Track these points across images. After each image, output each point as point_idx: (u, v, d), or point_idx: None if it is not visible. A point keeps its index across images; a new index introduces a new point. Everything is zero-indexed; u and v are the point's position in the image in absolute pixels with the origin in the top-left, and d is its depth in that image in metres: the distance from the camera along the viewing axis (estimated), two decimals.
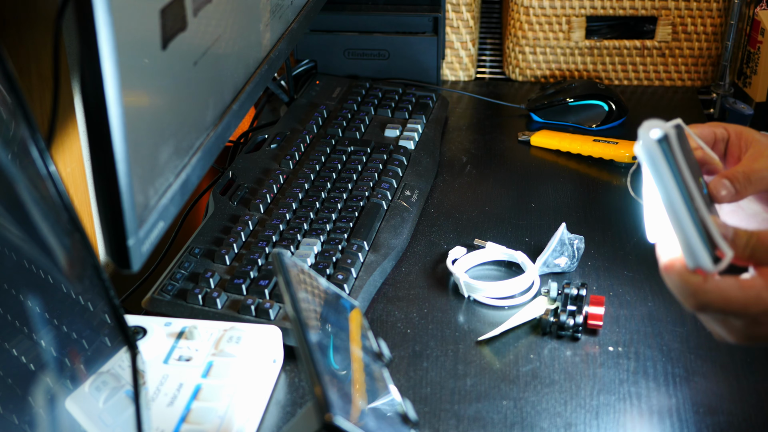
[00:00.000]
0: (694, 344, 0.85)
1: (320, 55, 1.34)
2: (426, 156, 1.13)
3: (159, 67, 0.68)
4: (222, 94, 0.82)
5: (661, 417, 0.77)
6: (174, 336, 0.80)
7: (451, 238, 1.01)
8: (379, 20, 1.32)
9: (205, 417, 0.72)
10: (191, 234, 0.97)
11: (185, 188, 0.73)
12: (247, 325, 0.80)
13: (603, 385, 0.81)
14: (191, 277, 0.89)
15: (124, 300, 0.98)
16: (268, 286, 0.87)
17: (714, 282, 0.61)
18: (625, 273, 0.94)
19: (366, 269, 0.91)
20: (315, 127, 1.17)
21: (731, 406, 0.78)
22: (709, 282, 0.61)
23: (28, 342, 0.67)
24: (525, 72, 1.38)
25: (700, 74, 1.36)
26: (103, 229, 0.63)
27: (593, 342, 0.85)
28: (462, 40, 1.37)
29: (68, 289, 0.69)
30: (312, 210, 0.99)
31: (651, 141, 0.57)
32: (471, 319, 0.89)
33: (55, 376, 0.68)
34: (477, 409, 0.78)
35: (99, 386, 0.69)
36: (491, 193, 1.10)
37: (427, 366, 0.83)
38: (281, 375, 0.82)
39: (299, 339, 0.61)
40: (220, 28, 0.79)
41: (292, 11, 1.03)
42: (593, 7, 1.33)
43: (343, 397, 0.60)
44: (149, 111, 0.67)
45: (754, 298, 0.60)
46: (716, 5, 1.31)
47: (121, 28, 0.59)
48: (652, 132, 0.57)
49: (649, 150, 0.58)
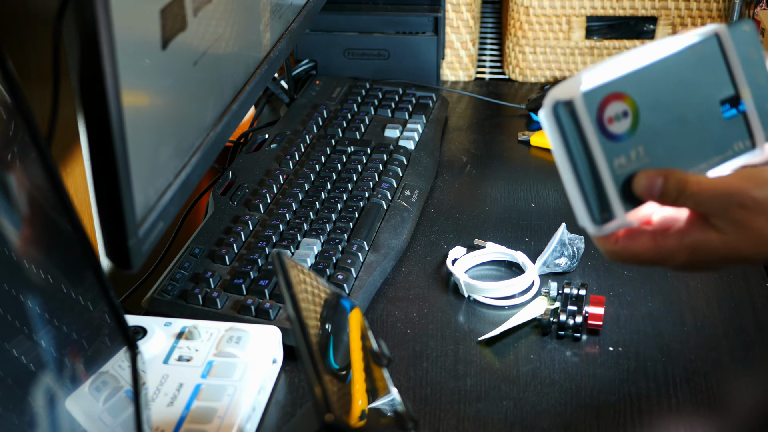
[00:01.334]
0: (694, 344, 0.85)
1: (320, 55, 1.34)
2: (426, 156, 1.13)
3: (159, 67, 0.68)
4: (222, 94, 0.82)
5: (661, 417, 0.77)
6: (174, 336, 0.80)
7: (451, 238, 1.01)
8: (379, 20, 1.32)
9: (205, 417, 0.72)
10: (191, 234, 0.97)
11: (185, 188, 0.73)
12: (247, 325, 0.80)
13: (603, 385, 0.81)
14: (191, 278, 0.89)
15: (124, 300, 0.98)
16: (268, 286, 0.87)
17: (621, 243, 0.63)
18: (625, 273, 0.94)
19: (366, 269, 0.91)
20: (315, 127, 1.17)
21: (731, 406, 0.78)
22: (618, 243, 0.63)
23: (28, 342, 0.67)
24: (525, 72, 1.38)
25: None
26: (103, 229, 0.63)
27: (593, 342, 0.85)
28: (462, 40, 1.37)
29: (68, 289, 0.69)
30: (312, 210, 0.99)
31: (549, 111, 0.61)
32: (471, 319, 0.89)
33: (55, 376, 0.68)
34: (477, 409, 0.78)
35: (99, 386, 0.69)
36: (491, 193, 1.10)
37: (427, 366, 0.83)
38: (281, 375, 0.82)
39: (299, 339, 0.61)
40: (220, 28, 0.79)
41: (292, 11, 1.03)
42: (593, 7, 1.33)
43: (343, 397, 0.60)
44: (149, 111, 0.67)
45: (668, 256, 0.63)
46: (716, 5, 1.31)
47: (121, 28, 0.59)
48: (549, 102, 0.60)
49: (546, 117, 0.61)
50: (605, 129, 0.61)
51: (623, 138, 0.61)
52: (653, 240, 0.63)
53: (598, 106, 0.61)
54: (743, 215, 0.60)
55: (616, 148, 0.61)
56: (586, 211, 0.62)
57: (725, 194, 0.60)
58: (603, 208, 0.62)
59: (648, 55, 0.62)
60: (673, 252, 0.63)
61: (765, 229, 0.60)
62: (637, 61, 0.62)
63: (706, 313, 0.89)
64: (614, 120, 0.61)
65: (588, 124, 0.60)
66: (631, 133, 0.62)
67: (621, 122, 0.61)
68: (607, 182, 0.61)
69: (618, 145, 0.62)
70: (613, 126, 0.61)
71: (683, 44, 0.63)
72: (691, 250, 0.62)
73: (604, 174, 0.61)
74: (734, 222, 0.60)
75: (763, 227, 0.60)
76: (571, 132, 0.61)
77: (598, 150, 0.61)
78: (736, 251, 0.61)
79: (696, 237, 0.62)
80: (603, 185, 0.62)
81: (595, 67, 0.61)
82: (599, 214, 0.62)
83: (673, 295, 0.91)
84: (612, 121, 0.61)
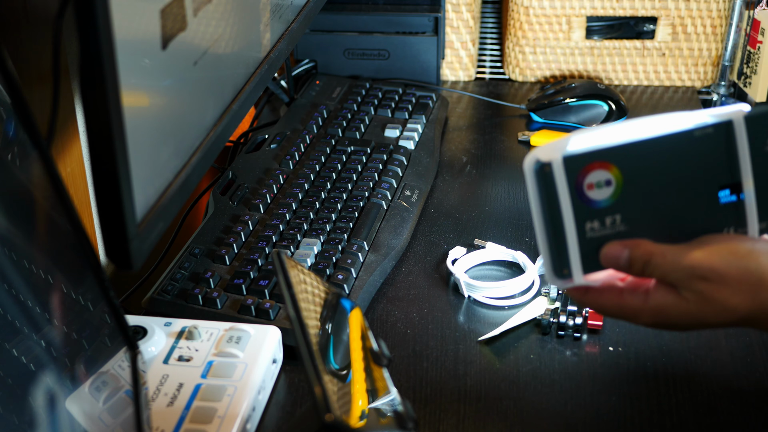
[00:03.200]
0: (694, 344, 0.85)
1: (320, 55, 1.34)
2: (426, 156, 1.13)
3: (159, 67, 0.68)
4: (222, 94, 0.82)
5: (662, 417, 0.77)
6: (174, 336, 0.80)
7: (451, 238, 1.01)
8: (379, 20, 1.32)
9: (205, 417, 0.72)
10: (191, 234, 0.97)
11: (185, 188, 0.73)
12: (247, 325, 0.80)
13: (603, 385, 0.81)
14: (191, 277, 0.89)
15: (124, 300, 0.98)
16: (268, 286, 0.87)
17: (589, 296, 0.65)
18: None
19: (366, 269, 0.91)
20: (315, 127, 1.17)
21: (731, 406, 0.78)
22: (587, 295, 0.66)
23: (28, 342, 0.67)
24: (525, 72, 1.38)
25: (700, 74, 1.36)
26: (103, 229, 0.63)
27: (593, 342, 0.85)
28: (462, 40, 1.37)
29: (68, 289, 0.69)
30: (312, 210, 0.99)
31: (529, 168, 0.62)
32: (471, 319, 0.89)
33: (55, 376, 0.68)
34: (477, 409, 0.78)
35: (99, 386, 0.69)
36: (491, 193, 1.10)
37: (427, 366, 0.83)
38: (281, 375, 0.82)
39: (299, 339, 0.61)
40: (220, 28, 0.79)
41: (292, 11, 1.03)
42: (593, 7, 1.33)
43: (343, 397, 0.60)
44: (149, 111, 0.67)
45: (632, 315, 0.64)
46: (716, 5, 1.31)
47: (121, 29, 0.59)
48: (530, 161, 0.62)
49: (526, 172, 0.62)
50: (582, 193, 0.62)
51: (600, 204, 0.63)
52: (619, 297, 0.65)
53: (579, 171, 0.62)
54: (706, 287, 0.61)
55: (590, 213, 0.63)
56: (549, 263, 0.64)
57: (688, 267, 0.61)
58: (563, 265, 0.64)
59: (652, 126, 0.62)
60: (636, 311, 0.64)
61: (728, 300, 0.61)
62: (636, 132, 0.62)
63: None
64: (594, 187, 0.62)
65: (563, 187, 0.62)
66: (611, 201, 0.63)
67: (601, 190, 0.62)
68: (571, 243, 0.63)
69: (593, 210, 0.63)
70: (592, 192, 0.62)
71: (693, 123, 0.63)
72: (654, 312, 0.63)
73: (569, 236, 0.63)
74: (698, 293, 0.61)
75: (727, 299, 0.61)
76: (545, 191, 0.62)
77: (568, 213, 0.62)
78: (700, 320, 0.63)
79: (660, 301, 0.63)
80: (566, 245, 0.63)
81: (589, 131, 0.62)
82: (559, 269, 0.64)
83: None
84: (592, 187, 0.62)
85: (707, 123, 0.63)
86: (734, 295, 0.61)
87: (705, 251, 0.61)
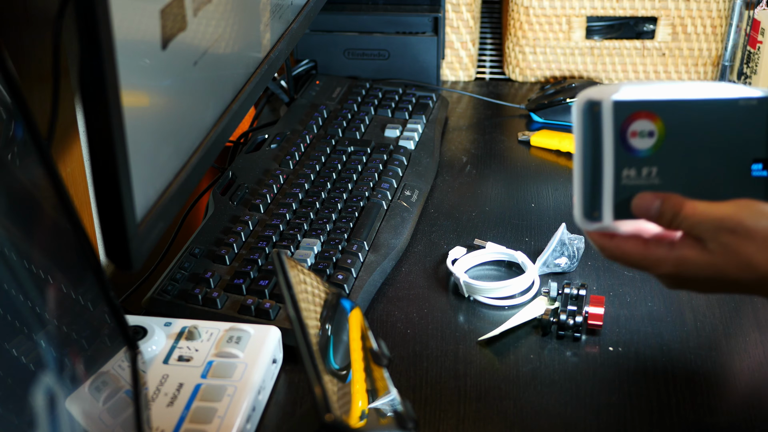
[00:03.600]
0: (694, 344, 0.85)
1: (320, 55, 1.34)
2: (426, 156, 1.13)
3: (159, 67, 0.68)
4: (222, 94, 0.82)
5: (661, 417, 0.77)
6: (174, 336, 0.80)
7: (451, 238, 1.01)
8: (379, 20, 1.32)
9: (205, 417, 0.72)
10: (191, 234, 0.97)
11: (185, 188, 0.73)
12: (247, 326, 0.80)
13: (603, 385, 0.81)
14: (191, 278, 0.89)
15: (124, 300, 0.98)
16: (268, 286, 0.87)
17: (615, 241, 0.66)
18: (625, 273, 0.94)
19: (366, 269, 0.91)
20: (315, 127, 1.17)
21: (731, 406, 0.78)
22: (613, 240, 0.66)
23: (28, 342, 0.67)
24: (525, 72, 1.38)
25: (700, 74, 1.36)
26: (103, 229, 0.63)
27: (593, 342, 0.85)
28: (462, 40, 1.37)
29: (68, 289, 0.69)
30: (312, 210, 0.99)
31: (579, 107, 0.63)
32: (471, 319, 0.89)
33: (55, 376, 0.68)
34: (477, 409, 0.78)
35: (99, 386, 0.69)
36: (491, 193, 1.10)
37: (427, 366, 0.83)
38: (281, 375, 0.82)
39: (299, 339, 0.61)
40: (220, 28, 0.79)
41: (292, 11, 1.03)
42: (593, 7, 1.33)
43: (343, 397, 0.60)
44: (149, 111, 0.67)
45: (654, 263, 0.65)
46: (716, 5, 1.31)
47: (121, 29, 0.59)
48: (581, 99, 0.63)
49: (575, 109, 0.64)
50: (625, 140, 0.64)
51: (640, 154, 0.64)
52: (644, 246, 0.66)
53: (626, 117, 0.63)
54: (733, 240, 0.62)
55: (629, 160, 0.64)
56: (581, 203, 0.65)
57: (717, 220, 0.63)
58: (594, 207, 0.65)
59: (700, 90, 0.64)
60: (659, 260, 0.65)
61: (754, 256, 0.62)
62: (687, 92, 0.64)
63: (706, 313, 0.89)
64: (637, 135, 0.64)
65: (608, 129, 0.63)
66: (651, 152, 0.64)
67: (644, 140, 0.64)
68: (607, 186, 0.65)
69: (633, 158, 0.64)
70: (634, 140, 0.64)
71: (739, 94, 0.64)
72: (677, 262, 0.64)
73: (606, 178, 0.64)
74: (723, 246, 0.62)
75: (752, 254, 0.62)
76: (590, 130, 0.64)
77: (608, 155, 0.64)
78: (722, 273, 0.63)
79: (684, 252, 0.64)
80: (602, 187, 0.65)
81: (642, 83, 0.64)
82: (590, 211, 0.65)
83: (673, 296, 0.91)
84: (635, 135, 0.64)
85: (753, 96, 0.64)
86: (759, 252, 0.61)
87: (734, 206, 0.63)
